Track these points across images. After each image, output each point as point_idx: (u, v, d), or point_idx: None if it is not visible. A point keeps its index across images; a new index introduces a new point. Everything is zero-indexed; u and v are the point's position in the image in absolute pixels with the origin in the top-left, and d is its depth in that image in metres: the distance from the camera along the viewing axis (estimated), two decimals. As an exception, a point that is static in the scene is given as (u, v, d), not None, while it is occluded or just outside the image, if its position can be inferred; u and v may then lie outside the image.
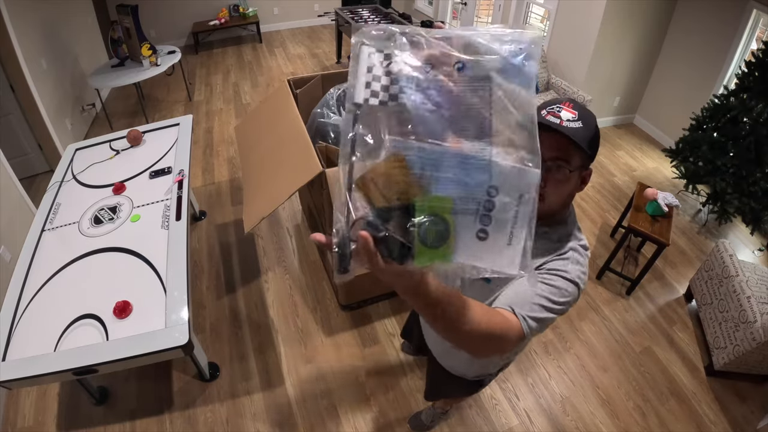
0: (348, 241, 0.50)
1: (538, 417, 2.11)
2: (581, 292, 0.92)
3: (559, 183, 0.88)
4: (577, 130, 0.85)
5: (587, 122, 0.87)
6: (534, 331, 0.84)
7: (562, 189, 0.89)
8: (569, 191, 0.91)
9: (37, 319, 1.68)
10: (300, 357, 2.32)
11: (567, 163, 0.87)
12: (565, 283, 0.89)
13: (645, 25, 3.96)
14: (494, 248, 0.51)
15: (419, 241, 0.49)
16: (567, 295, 0.88)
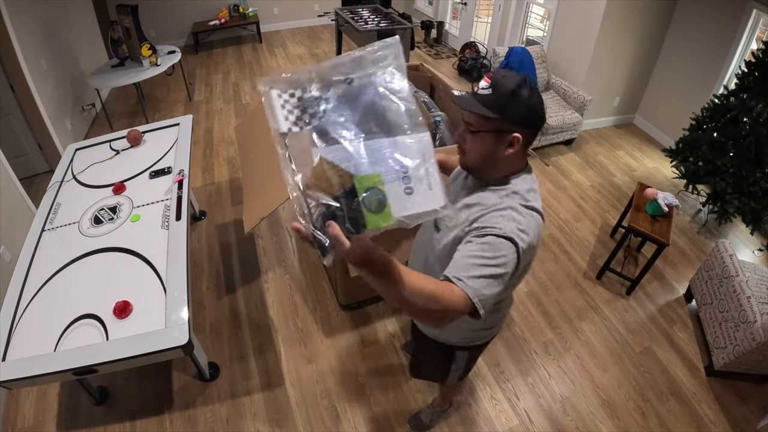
0: (317, 230, 0.64)
1: (538, 417, 2.11)
2: (525, 251, 0.98)
3: (473, 142, 1.05)
4: (482, 96, 1.01)
5: (497, 88, 1.00)
6: (478, 290, 0.89)
7: (476, 146, 1.05)
8: (487, 150, 1.05)
9: (37, 319, 1.68)
10: (300, 357, 2.32)
11: (470, 125, 1.04)
12: (498, 240, 0.95)
13: (645, 25, 3.97)
14: (421, 196, 0.68)
15: (366, 210, 0.65)
16: (501, 249, 0.94)
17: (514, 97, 1.00)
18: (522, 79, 1.02)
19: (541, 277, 2.86)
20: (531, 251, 1.02)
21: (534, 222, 1.03)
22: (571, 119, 3.94)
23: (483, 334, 1.39)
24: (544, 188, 3.66)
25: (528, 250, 0.99)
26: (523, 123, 1.03)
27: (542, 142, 4.03)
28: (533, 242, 1.01)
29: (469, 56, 5.58)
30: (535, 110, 1.03)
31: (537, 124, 1.06)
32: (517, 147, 1.05)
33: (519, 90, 1.00)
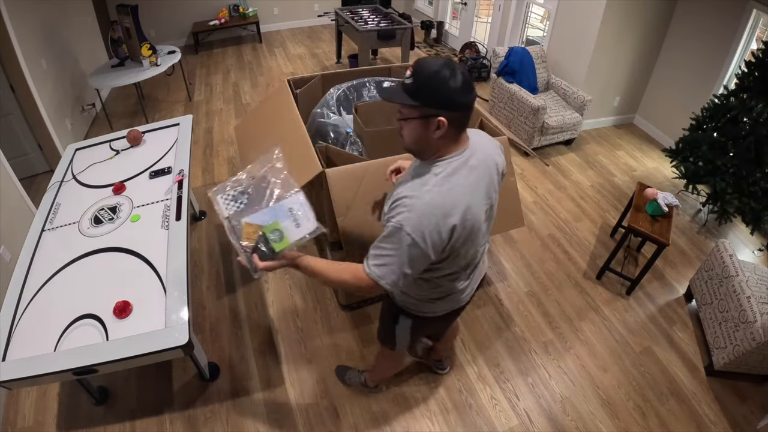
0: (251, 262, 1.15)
1: (538, 417, 2.11)
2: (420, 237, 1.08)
3: (405, 128, 1.16)
4: (405, 85, 1.11)
5: (417, 75, 1.08)
6: (378, 273, 1.13)
7: (408, 132, 1.16)
8: (417, 134, 1.14)
9: (37, 319, 1.68)
10: (300, 357, 2.32)
11: (400, 113, 1.16)
12: (392, 229, 1.11)
13: (645, 25, 3.97)
14: (303, 226, 1.20)
15: (273, 243, 1.15)
16: (393, 238, 1.11)
17: (433, 82, 1.06)
18: (443, 64, 1.06)
19: (541, 277, 2.86)
20: (432, 235, 1.10)
21: (433, 208, 1.09)
22: (571, 119, 3.94)
23: (426, 306, 1.44)
24: (544, 188, 3.66)
25: (425, 235, 1.09)
26: (444, 106, 1.08)
27: (542, 142, 4.04)
28: (431, 226, 1.09)
29: (469, 56, 5.58)
30: (455, 93, 1.06)
31: (460, 106, 1.09)
32: (444, 130, 1.10)
33: (438, 74, 1.05)
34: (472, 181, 1.17)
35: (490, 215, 1.32)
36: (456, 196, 1.12)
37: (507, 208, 2.28)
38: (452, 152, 1.17)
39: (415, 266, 1.14)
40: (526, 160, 4.00)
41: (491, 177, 1.25)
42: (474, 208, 1.16)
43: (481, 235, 1.28)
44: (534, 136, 3.95)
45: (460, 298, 1.45)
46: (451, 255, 1.21)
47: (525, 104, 3.88)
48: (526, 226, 3.24)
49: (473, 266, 1.40)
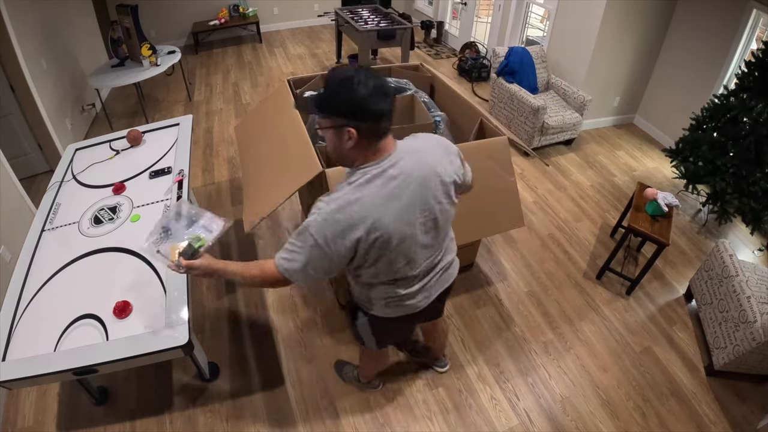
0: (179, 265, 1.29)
1: (538, 417, 2.11)
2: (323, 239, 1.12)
3: (325, 138, 1.17)
4: (316, 96, 1.12)
5: (326, 86, 1.11)
6: (284, 266, 1.18)
7: (327, 142, 1.17)
8: (332, 144, 1.16)
9: (37, 319, 1.68)
10: (300, 357, 2.32)
11: (317, 124, 1.18)
12: (302, 229, 1.15)
13: (645, 25, 3.97)
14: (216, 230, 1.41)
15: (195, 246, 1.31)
16: (300, 233, 1.15)
17: (341, 92, 1.06)
18: (352, 72, 1.06)
19: (541, 277, 2.86)
20: (336, 241, 1.12)
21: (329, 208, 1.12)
22: (571, 119, 3.94)
23: (377, 308, 1.45)
24: (544, 188, 3.66)
25: (328, 240, 1.11)
26: (353, 116, 1.07)
27: (542, 142, 4.04)
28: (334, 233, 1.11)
29: (469, 56, 5.58)
30: (363, 103, 1.05)
31: (369, 116, 1.07)
32: (354, 140, 1.10)
33: (345, 84, 1.06)
34: (386, 192, 1.13)
35: (433, 226, 1.27)
36: (363, 208, 1.11)
37: (507, 208, 2.28)
38: (370, 161, 1.15)
39: (319, 267, 1.16)
40: (526, 160, 4.00)
41: (425, 186, 1.19)
42: (386, 219, 1.13)
43: (415, 247, 1.25)
44: (534, 136, 3.95)
45: (412, 305, 1.44)
46: (369, 264, 1.22)
47: (525, 104, 3.88)
48: (526, 226, 3.24)
49: (418, 278, 1.37)
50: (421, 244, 1.27)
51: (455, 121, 2.69)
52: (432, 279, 1.44)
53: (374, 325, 1.55)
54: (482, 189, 2.19)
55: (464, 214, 2.17)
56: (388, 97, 1.09)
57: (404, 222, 1.18)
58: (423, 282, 1.41)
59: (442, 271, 1.47)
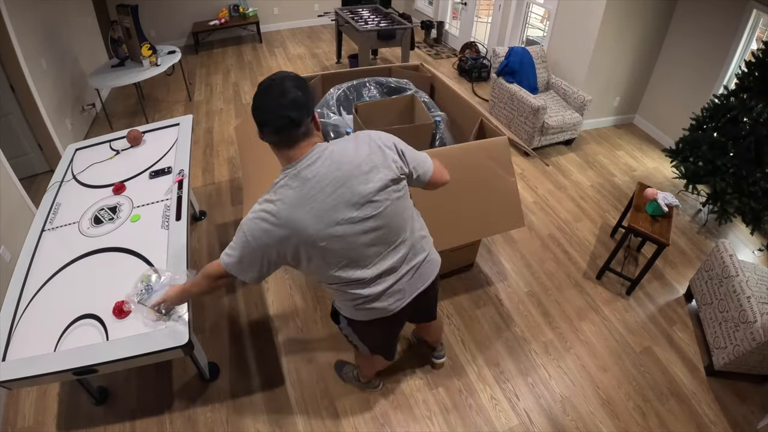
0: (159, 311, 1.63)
1: (538, 417, 2.11)
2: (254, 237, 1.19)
3: None
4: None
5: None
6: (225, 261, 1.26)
7: None
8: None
9: (37, 319, 1.68)
10: (300, 357, 2.32)
11: None
12: (239, 228, 1.22)
13: (645, 25, 3.97)
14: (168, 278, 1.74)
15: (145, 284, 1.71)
16: (237, 232, 1.23)
17: (254, 103, 1.17)
18: (264, 84, 1.16)
19: (541, 277, 2.86)
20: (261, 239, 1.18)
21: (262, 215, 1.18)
22: (571, 119, 3.94)
23: (350, 311, 1.47)
24: (544, 188, 3.66)
25: (256, 238, 1.18)
26: (260, 125, 1.18)
27: (542, 142, 4.04)
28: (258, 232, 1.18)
29: (469, 56, 5.58)
30: (263, 116, 1.16)
31: (259, 128, 1.19)
32: (270, 145, 1.23)
33: (256, 96, 1.16)
34: (303, 194, 1.16)
35: (374, 226, 1.25)
36: (282, 211, 1.16)
37: (507, 208, 2.28)
38: (286, 164, 1.22)
39: (254, 263, 1.22)
40: (526, 160, 4.00)
41: (347, 186, 1.18)
42: (305, 221, 1.16)
43: (355, 247, 1.25)
44: (534, 136, 3.95)
45: (383, 309, 1.41)
46: (305, 265, 1.26)
47: (525, 104, 3.88)
48: (526, 226, 3.24)
49: (378, 279, 1.35)
50: (362, 243, 1.26)
51: (455, 121, 2.69)
52: (399, 280, 1.40)
53: (355, 329, 1.57)
54: (482, 189, 2.20)
55: (464, 214, 2.18)
56: (284, 114, 1.12)
57: (325, 222, 1.18)
58: (387, 283, 1.37)
59: (413, 271, 1.43)
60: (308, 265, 1.27)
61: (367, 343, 1.67)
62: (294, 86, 1.14)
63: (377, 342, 1.69)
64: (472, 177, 2.15)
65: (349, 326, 1.57)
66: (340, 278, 1.31)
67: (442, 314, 2.55)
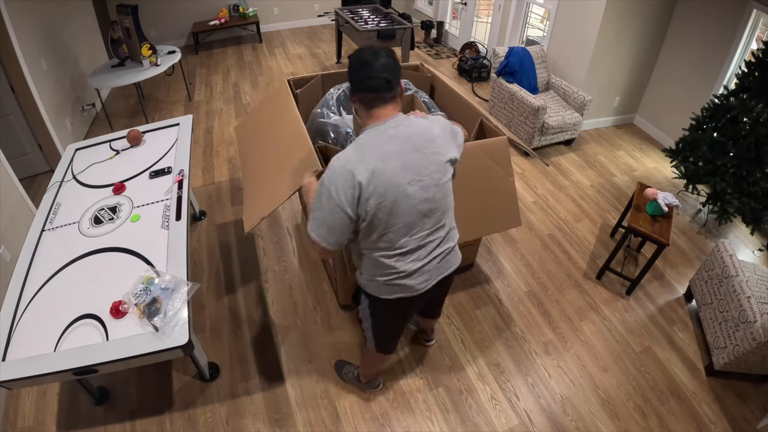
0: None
1: (538, 417, 2.11)
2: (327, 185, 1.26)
3: None
4: None
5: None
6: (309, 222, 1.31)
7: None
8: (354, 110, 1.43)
9: (37, 319, 1.68)
10: (300, 357, 2.32)
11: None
12: (319, 186, 1.29)
13: (645, 26, 3.97)
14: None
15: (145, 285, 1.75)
16: (318, 192, 1.29)
17: (349, 70, 1.33)
18: (353, 54, 1.31)
19: (541, 277, 2.86)
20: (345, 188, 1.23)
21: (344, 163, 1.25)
22: (571, 119, 3.94)
23: (376, 287, 1.50)
24: (544, 188, 3.66)
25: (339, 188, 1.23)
26: (353, 88, 1.33)
27: (542, 142, 4.04)
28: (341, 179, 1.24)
29: (469, 56, 5.58)
30: (351, 73, 1.31)
31: (356, 86, 1.32)
32: (357, 106, 1.35)
33: (349, 63, 1.31)
34: (384, 143, 1.28)
35: (429, 197, 1.34)
36: (363, 151, 1.27)
37: (505, 207, 2.28)
38: (370, 124, 1.33)
39: (336, 223, 1.27)
40: (526, 160, 4.00)
41: (422, 153, 1.31)
42: (385, 173, 1.25)
43: (413, 212, 1.33)
44: (534, 136, 3.95)
45: (411, 287, 1.47)
46: (368, 221, 1.29)
47: (525, 104, 3.88)
48: (526, 226, 3.24)
49: (417, 254, 1.42)
50: (419, 211, 1.34)
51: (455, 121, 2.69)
52: (432, 261, 1.47)
53: (373, 311, 1.61)
54: (481, 188, 2.20)
55: (462, 213, 2.17)
56: (381, 73, 1.27)
57: (401, 178, 1.28)
58: (423, 261, 1.44)
59: (443, 255, 1.51)
60: (371, 221, 1.30)
61: (377, 332, 1.70)
62: (387, 55, 1.30)
63: (388, 329, 1.72)
64: (471, 177, 2.15)
65: (369, 308, 1.60)
66: (388, 243, 1.36)
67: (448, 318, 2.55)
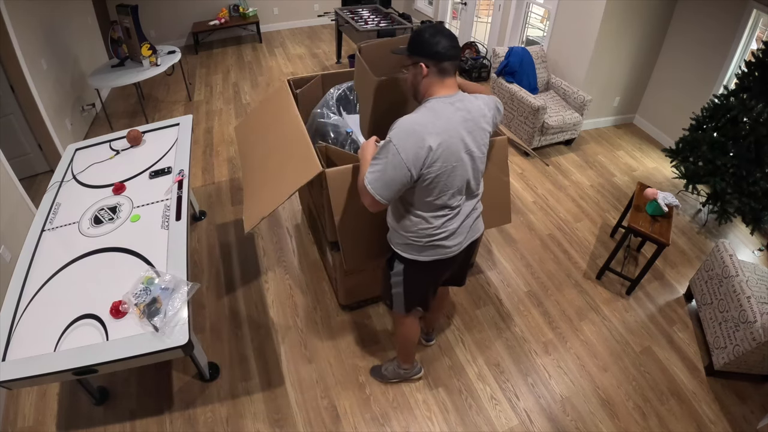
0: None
1: (538, 417, 2.11)
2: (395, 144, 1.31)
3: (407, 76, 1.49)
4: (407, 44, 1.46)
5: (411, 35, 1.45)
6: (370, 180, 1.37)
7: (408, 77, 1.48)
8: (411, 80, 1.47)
9: (37, 319, 1.68)
10: (300, 357, 2.32)
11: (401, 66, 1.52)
12: (384, 143, 1.36)
13: (645, 25, 3.97)
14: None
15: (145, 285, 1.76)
16: (383, 147, 1.35)
17: (418, 38, 1.39)
18: (429, 26, 1.39)
19: (541, 277, 2.86)
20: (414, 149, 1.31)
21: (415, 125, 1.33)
22: (571, 119, 3.95)
23: (413, 250, 1.59)
24: (544, 188, 3.66)
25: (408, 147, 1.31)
26: (423, 54, 1.38)
27: (542, 142, 4.03)
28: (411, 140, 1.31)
29: (469, 56, 5.58)
30: (430, 43, 1.36)
31: (438, 56, 1.36)
32: (425, 73, 1.39)
33: (421, 33, 1.38)
34: (454, 118, 1.37)
35: (475, 167, 1.47)
36: (436, 121, 1.34)
37: (496, 203, 2.28)
38: (439, 94, 1.41)
39: (397, 179, 1.34)
40: (526, 160, 4.00)
41: (479, 127, 1.43)
42: (452, 140, 1.36)
43: (465, 178, 1.45)
44: (534, 136, 3.95)
45: (448, 248, 1.57)
46: (428, 182, 1.39)
47: (525, 104, 3.88)
48: (526, 226, 3.24)
49: (454, 214, 1.52)
50: (470, 177, 1.47)
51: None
52: (467, 223, 1.59)
53: (408, 273, 1.67)
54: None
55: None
56: (452, 45, 1.37)
57: (461, 147, 1.39)
58: (461, 222, 1.55)
59: (473, 219, 1.63)
60: (431, 182, 1.39)
61: (409, 294, 1.75)
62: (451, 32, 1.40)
63: (421, 291, 1.78)
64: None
65: (404, 273, 1.67)
66: (440, 203, 1.46)
67: (448, 318, 2.55)
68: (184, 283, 1.74)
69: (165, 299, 1.67)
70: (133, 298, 1.68)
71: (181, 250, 1.88)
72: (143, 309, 1.64)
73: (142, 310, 1.64)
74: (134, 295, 1.69)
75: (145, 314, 1.63)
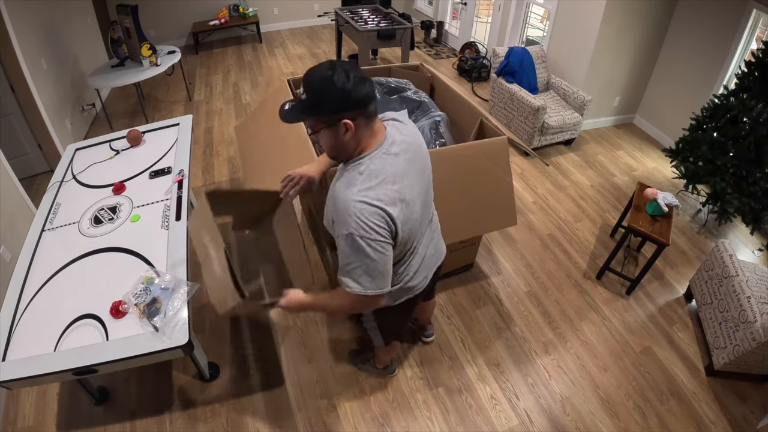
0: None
1: (538, 417, 2.11)
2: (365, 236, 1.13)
3: (320, 139, 1.19)
4: (301, 102, 1.14)
5: (307, 90, 1.12)
6: (354, 286, 1.19)
7: (323, 142, 1.19)
8: (331, 141, 1.18)
9: (37, 319, 1.68)
10: (300, 357, 2.32)
11: (309, 129, 1.20)
12: (346, 241, 1.15)
13: (645, 25, 3.97)
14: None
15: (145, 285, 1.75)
16: (348, 246, 1.15)
17: (323, 89, 1.09)
18: (326, 68, 1.09)
19: (541, 277, 2.86)
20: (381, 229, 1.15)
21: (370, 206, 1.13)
22: (571, 119, 3.94)
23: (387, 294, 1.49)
24: (544, 188, 3.66)
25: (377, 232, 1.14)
26: (345, 108, 1.11)
27: (542, 142, 4.03)
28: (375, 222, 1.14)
29: (469, 56, 5.58)
30: (351, 93, 1.08)
31: (357, 103, 1.11)
32: (352, 130, 1.14)
33: (324, 80, 1.08)
34: (398, 169, 1.21)
35: (428, 198, 1.39)
36: (386, 189, 1.16)
37: (501, 206, 2.29)
38: (371, 147, 1.20)
39: (383, 261, 1.19)
40: (526, 160, 4.00)
41: (418, 152, 1.30)
42: (410, 196, 1.23)
43: (423, 218, 1.36)
44: (534, 136, 3.95)
45: (415, 288, 1.50)
46: (400, 241, 1.26)
47: (525, 104, 3.88)
48: (526, 226, 3.24)
49: (416, 250, 1.43)
50: (424, 215, 1.37)
51: (455, 121, 2.69)
52: (428, 254, 1.51)
53: (380, 318, 1.65)
54: (478, 188, 2.20)
55: (459, 212, 2.18)
56: (365, 82, 1.12)
57: (416, 193, 1.27)
58: (421, 258, 1.47)
59: (435, 246, 1.57)
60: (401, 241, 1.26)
61: (386, 333, 1.75)
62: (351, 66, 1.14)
63: (395, 328, 1.77)
64: (470, 177, 2.15)
65: (375, 320, 1.65)
66: (413, 250, 1.38)
67: (448, 318, 2.55)
68: (184, 283, 1.74)
69: (165, 299, 1.67)
70: (133, 298, 1.68)
71: (181, 250, 1.88)
72: (143, 309, 1.64)
73: (142, 310, 1.64)
74: (134, 295, 1.69)
75: (145, 314, 1.63)
